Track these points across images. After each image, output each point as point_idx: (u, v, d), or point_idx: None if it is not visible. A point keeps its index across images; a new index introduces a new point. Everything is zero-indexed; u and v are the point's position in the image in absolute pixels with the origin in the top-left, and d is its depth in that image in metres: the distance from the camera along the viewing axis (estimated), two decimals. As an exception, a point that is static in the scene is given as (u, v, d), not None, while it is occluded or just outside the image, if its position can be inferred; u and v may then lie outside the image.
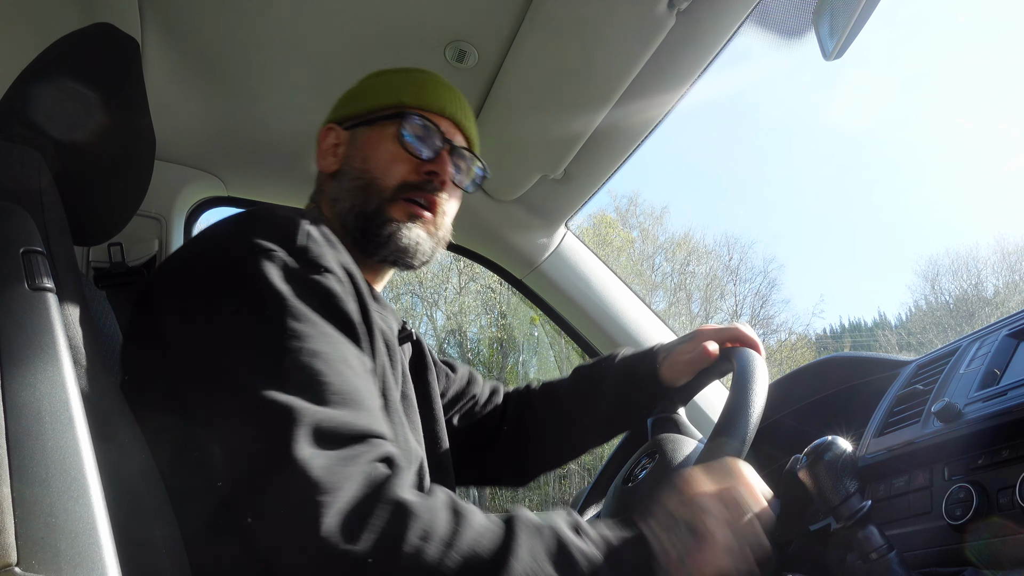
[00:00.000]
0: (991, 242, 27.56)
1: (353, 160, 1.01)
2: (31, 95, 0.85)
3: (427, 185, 0.99)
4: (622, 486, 1.02)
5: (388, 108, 1.02)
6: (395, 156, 0.99)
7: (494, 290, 15.43)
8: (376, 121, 1.01)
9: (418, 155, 0.99)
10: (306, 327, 0.70)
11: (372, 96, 1.04)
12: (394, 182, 0.98)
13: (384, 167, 0.98)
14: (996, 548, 0.75)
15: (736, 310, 17.53)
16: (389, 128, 1.00)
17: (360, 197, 0.98)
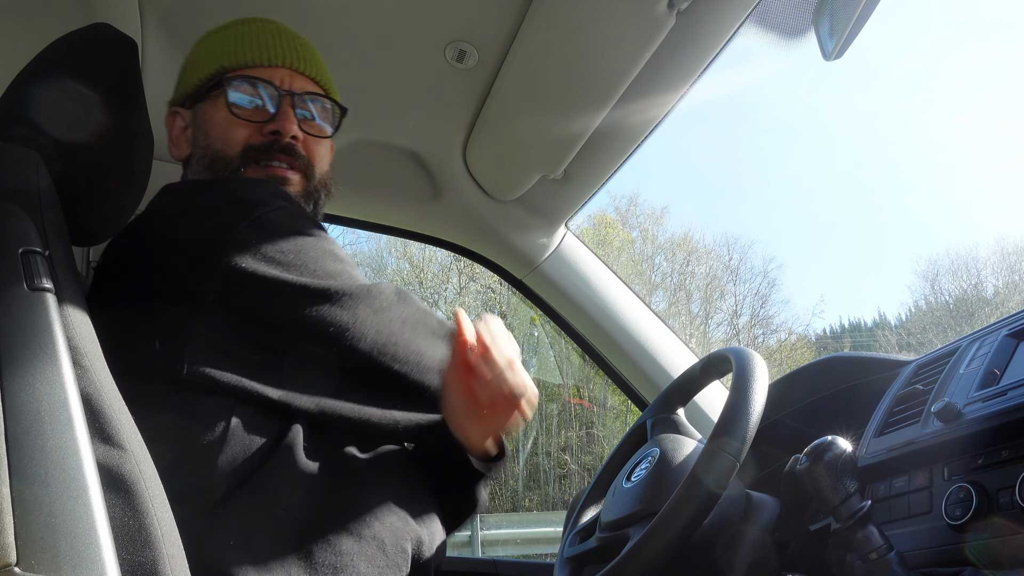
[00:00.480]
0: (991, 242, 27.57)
1: (198, 140, 0.97)
2: (29, 95, 0.85)
3: (274, 145, 0.95)
4: (622, 486, 1.02)
5: (213, 76, 0.97)
6: (230, 123, 0.94)
7: (494, 290, 15.43)
8: (206, 93, 0.96)
9: (253, 117, 0.95)
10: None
11: (198, 67, 0.98)
12: (237, 150, 0.94)
13: (223, 138, 0.94)
14: (996, 548, 0.75)
15: (736, 310, 17.54)
16: (219, 97, 0.96)
17: (211, 173, 0.94)
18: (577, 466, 14.51)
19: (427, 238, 1.81)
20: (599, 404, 14.81)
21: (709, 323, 17.53)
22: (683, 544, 0.81)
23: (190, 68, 1.00)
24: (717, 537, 0.92)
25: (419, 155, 1.60)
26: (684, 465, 0.96)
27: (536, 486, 14.62)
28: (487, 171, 1.60)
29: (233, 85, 0.94)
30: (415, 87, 1.40)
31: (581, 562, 1.05)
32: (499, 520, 9.13)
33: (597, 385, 14.56)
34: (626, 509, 0.97)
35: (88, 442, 0.63)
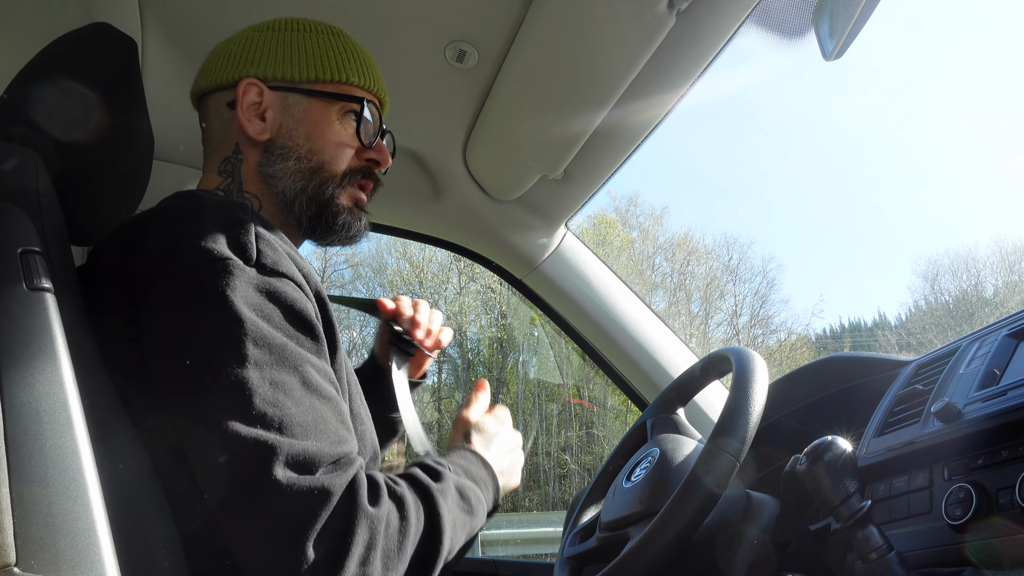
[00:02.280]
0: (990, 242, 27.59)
1: (294, 134, 0.93)
2: (29, 95, 0.85)
3: (369, 172, 0.98)
4: (622, 486, 1.02)
5: (333, 84, 0.95)
6: (344, 141, 0.95)
7: (494, 290, 15.44)
8: (318, 94, 0.94)
9: (364, 143, 0.96)
10: (266, 354, 0.70)
11: (309, 62, 0.95)
12: (343, 168, 0.95)
13: (334, 151, 0.94)
14: (996, 548, 0.75)
15: (736, 310, 17.53)
16: (335, 106, 0.95)
17: (311, 181, 0.93)
18: (577, 466, 14.51)
19: (427, 238, 1.81)
20: (599, 404, 14.81)
21: (709, 323, 17.54)
22: (683, 544, 0.81)
23: (291, 56, 0.94)
24: (717, 537, 0.92)
25: (419, 155, 1.60)
26: (684, 465, 0.96)
27: (536, 486, 14.63)
28: (487, 171, 1.60)
29: (365, 106, 0.96)
30: (415, 87, 1.40)
31: (581, 562, 1.05)
32: (499, 520, 9.12)
33: (597, 385, 14.57)
34: (626, 509, 0.97)
35: (87, 442, 0.63)
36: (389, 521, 0.71)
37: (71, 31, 0.92)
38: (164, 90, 1.37)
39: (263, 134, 0.93)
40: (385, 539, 0.69)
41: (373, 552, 0.68)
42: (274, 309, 0.74)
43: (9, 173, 0.75)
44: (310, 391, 0.72)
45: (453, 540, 0.78)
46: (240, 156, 0.93)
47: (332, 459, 0.70)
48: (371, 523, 0.68)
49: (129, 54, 0.96)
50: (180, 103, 1.42)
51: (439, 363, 16.33)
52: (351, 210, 0.97)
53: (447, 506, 0.78)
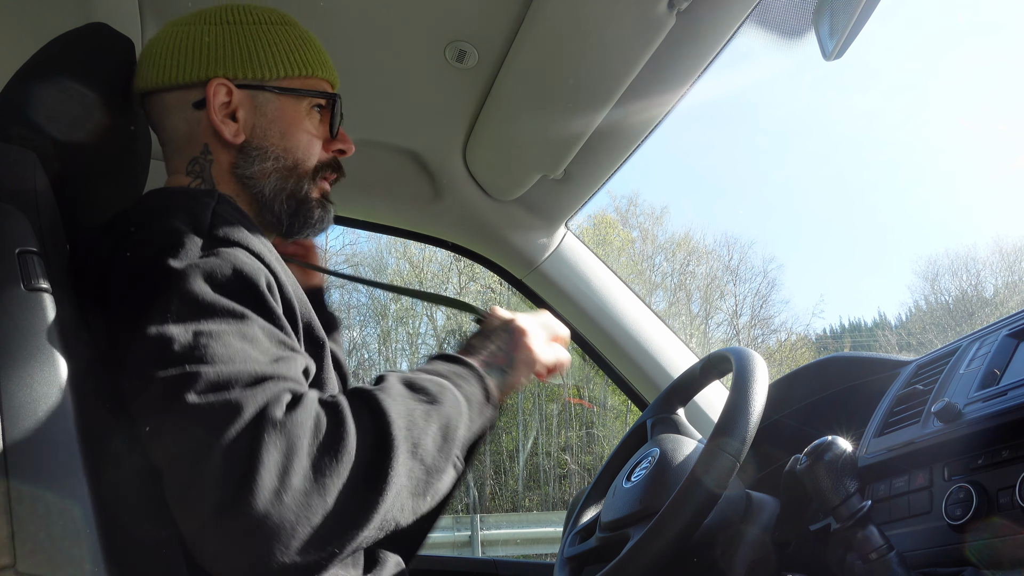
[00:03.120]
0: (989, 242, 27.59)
1: (268, 134, 0.93)
2: (27, 95, 0.85)
3: (336, 163, 0.99)
4: (622, 486, 1.02)
5: (300, 79, 0.95)
6: (314, 136, 0.96)
7: (494, 290, 15.43)
8: (288, 91, 0.94)
9: (334, 135, 0.98)
10: (195, 309, 0.69)
11: (275, 60, 0.94)
12: (314, 163, 0.96)
13: (307, 148, 0.95)
14: (996, 548, 0.75)
15: (736, 310, 17.54)
16: (303, 102, 0.95)
17: (288, 179, 0.94)
18: (577, 466, 14.51)
19: (427, 238, 1.81)
20: (599, 404, 14.81)
21: (709, 323, 17.53)
22: (683, 544, 0.81)
23: (253, 52, 0.93)
24: (717, 537, 0.92)
25: (419, 155, 1.60)
26: (684, 465, 0.96)
27: (536, 486, 14.62)
28: (487, 171, 1.60)
29: (331, 100, 0.97)
30: (415, 87, 1.40)
31: (581, 562, 1.05)
32: (499, 520, 9.13)
33: (597, 385, 14.56)
34: (626, 509, 0.96)
35: (85, 442, 0.63)
36: (318, 427, 0.65)
37: (69, 31, 0.92)
38: (163, 90, 1.37)
39: (238, 136, 0.92)
40: (312, 445, 0.64)
41: (294, 460, 0.62)
42: (220, 272, 0.72)
43: (7, 173, 0.75)
44: (246, 341, 0.69)
45: (413, 432, 0.70)
46: (210, 157, 0.92)
47: (251, 379, 0.66)
48: (288, 432, 0.63)
49: (128, 54, 0.96)
50: (179, 103, 1.42)
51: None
52: (321, 203, 0.98)
53: (390, 398, 0.71)
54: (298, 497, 0.61)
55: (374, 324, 16.53)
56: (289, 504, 0.60)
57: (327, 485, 0.63)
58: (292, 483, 0.61)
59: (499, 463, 14.87)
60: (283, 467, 0.61)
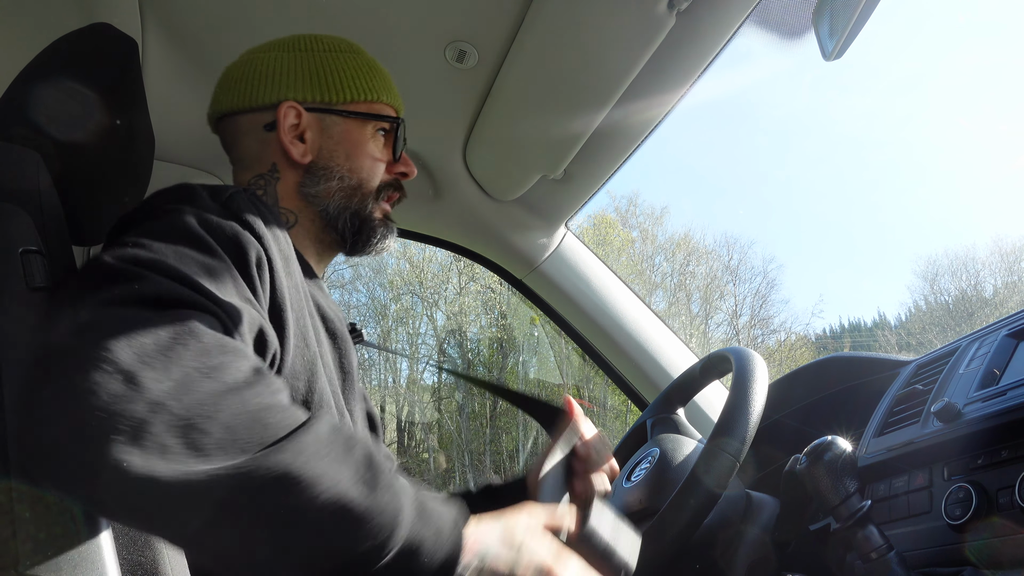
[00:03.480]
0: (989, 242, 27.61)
1: (334, 155, 0.97)
2: (30, 95, 0.85)
3: (397, 184, 1.03)
4: (622, 486, 1.02)
5: (366, 104, 1.00)
6: (378, 158, 1.00)
7: (494, 290, 15.44)
8: (353, 115, 0.99)
9: (397, 158, 1.02)
10: (165, 244, 0.66)
11: (343, 84, 0.99)
12: (377, 184, 0.99)
13: (371, 169, 0.99)
14: (995, 548, 0.75)
15: (736, 310, 17.53)
16: (368, 125, 0.99)
17: (352, 199, 0.97)
18: (577, 466, 14.49)
19: (427, 238, 1.81)
20: (599, 404, 14.81)
21: (709, 323, 17.53)
22: (683, 544, 0.81)
23: (323, 78, 0.98)
24: (717, 537, 0.92)
25: (419, 155, 1.60)
26: (684, 465, 0.97)
27: (536, 486, 14.61)
28: (487, 171, 1.60)
29: (395, 125, 1.01)
30: (415, 87, 1.40)
31: (581, 562, 1.05)
32: (499, 520, 9.12)
33: (597, 385, 14.57)
34: (626, 509, 0.97)
35: (88, 442, 0.63)
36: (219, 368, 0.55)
37: (71, 31, 0.92)
38: (164, 90, 1.37)
39: (305, 156, 0.96)
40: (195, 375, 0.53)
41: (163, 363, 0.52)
42: (214, 221, 0.72)
43: (10, 173, 0.75)
44: (204, 269, 0.66)
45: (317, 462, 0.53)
46: (276, 175, 0.97)
47: (184, 293, 0.61)
48: (183, 341, 0.55)
49: (129, 54, 0.96)
50: (180, 103, 1.42)
51: (439, 363, 16.34)
52: (384, 222, 1.01)
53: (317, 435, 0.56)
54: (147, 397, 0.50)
55: (374, 324, 16.53)
56: (138, 401, 0.50)
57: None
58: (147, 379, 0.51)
59: (499, 463, 14.87)
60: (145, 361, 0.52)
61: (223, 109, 1.00)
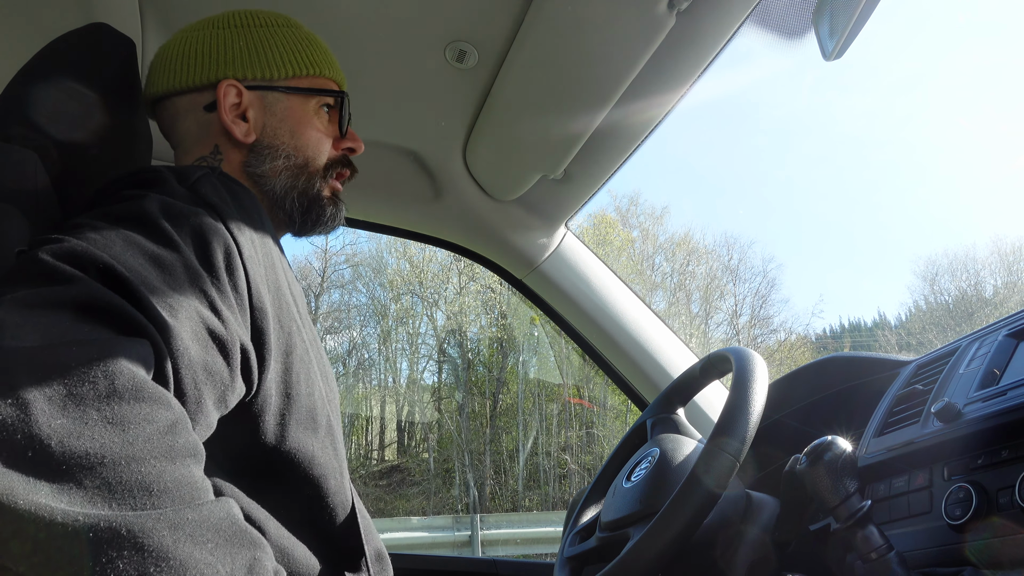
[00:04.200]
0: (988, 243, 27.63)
1: (278, 132, 0.94)
2: (28, 95, 0.85)
3: (346, 161, 1.01)
4: (622, 486, 1.02)
5: (308, 79, 0.97)
6: (324, 134, 0.98)
7: (494, 290, 15.44)
8: (296, 91, 0.96)
9: (343, 133, 1.00)
10: (119, 235, 0.64)
11: (283, 60, 0.96)
12: (324, 161, 0.98)
13: (316, 146, 0.97)
14: (996, 548, 0.75)
15: (736, 310, 17.53)
16: (312, 100, 0.97)
17: (299, 177, 0.95)
18: (577, 466, 14.51)
19: (427, 238, 1.81)
20: (599, 404, 14.81)
21: (709, 323, 17.53)
22: (683, 544, 0.81)
23: (261, 53, 0.95)
24: (717, 537, 0.92)
25: (419, 155, 1.60)
26: (684, 465, 0.96)
27: (536, 486, 14.63)
28: (487, 171, 1.60)
29: (339, 99, 0.99)
30: (415, 87, 1.40)
31: (581, 562, 1.05)
32: (499, 520, 9.14)
33: (597, 385, 14.57)
34: (626, 509, 0.96)
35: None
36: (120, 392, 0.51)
37: (70, 31, 0.92)
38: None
39: (249, 136, 0.93)
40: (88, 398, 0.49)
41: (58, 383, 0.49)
42: (176, 209, 0.70)
43: (8, 173, 0.75)
44: (160, 269, 0.63)
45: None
46: (219, 156, 0.94)
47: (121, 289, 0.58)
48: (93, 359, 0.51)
49: (128, 54, 0.96)
50: (180, 103, 1.43)
51: (439, 363, 16.35)
52: (333, 200, 0.99)
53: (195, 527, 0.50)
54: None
55: (374, 324, 16.53)
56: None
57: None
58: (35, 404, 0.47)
59: (499, 463, 14.87)
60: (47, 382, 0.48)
61: (159, 91, 0.96)
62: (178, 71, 0.94)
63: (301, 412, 0.79)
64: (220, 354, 0.65)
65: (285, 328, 0.78)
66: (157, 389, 0.54)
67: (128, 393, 0.51)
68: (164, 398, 0.55)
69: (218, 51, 0.94)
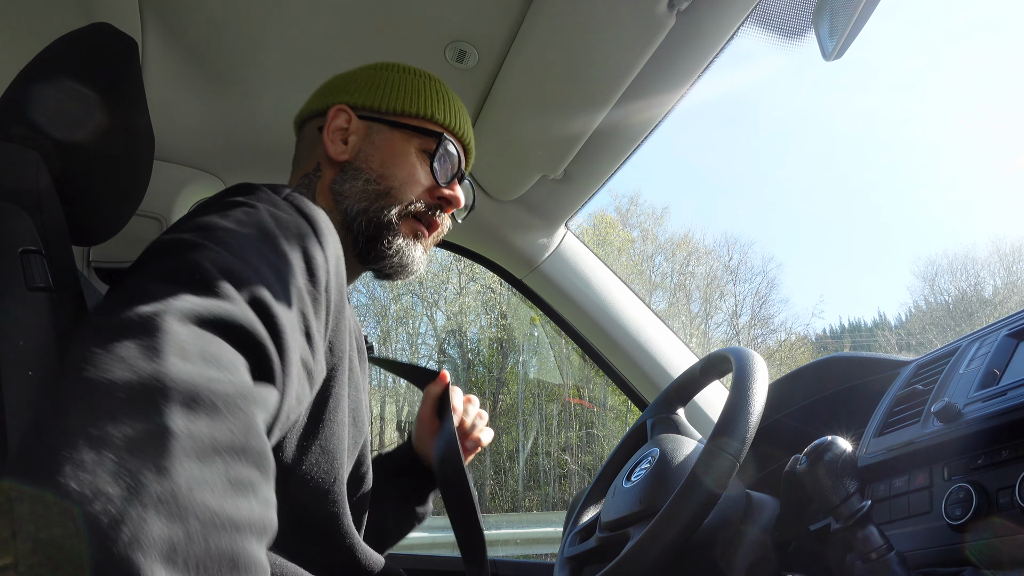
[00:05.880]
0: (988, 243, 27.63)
1: (370, 159, 0.96)
2: (29, 95, 0.85)
3: (437, 209, 0.99)
4: (622, 486, 1.02)
5: (417, 119, 0.99)
6: (417, 173, 0.97)
7: (494, 290, 15.43)
8: (401, 127, 0.98)
9: (439, 181, 0.99)
10: (219, 243, 0.61)
11: (398, 96, 0.99)
12: (411, 198, 0.96)
13: (405, 180, 0.96)
14: (996, 548, 0.75)
15: (736, 310, 17.53)
16: (415, 140, 0.98)
17: (375, 203, 0.95)
18: (577, 466, 14.50)
19: (427, 238, 1.81)
20: (599, 404, 14.81)
21: (709, 323, 17.53)
22: (683, 544, 0.81)
23: (381, 88, 1.00)
24: (717, 537, 0.92)
25: (419, 155, 1.60)
26: (684, 465, 0.96)
27: (536, 486, 14.62)
28: (487, 171, 1.60)
29: (444, 144, 0.99)
30: (415, 87, 1.40)
31: (581, 562, 1.05)
32: (499, 520, 9.14)
33: (597, 385, 14.56)
34: (626, 509, 0.96)
35: (88, 442, 0.62)
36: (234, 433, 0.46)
37: (72, 31, 0.92)
38: (164, 90, 1.37)
39: (342, 155, 0.97)
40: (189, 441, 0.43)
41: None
42: (285, 215, 0.72)
43: (10, 173, 0.75)
44: (275, 275, 0.62)
45: None
46: (319, 173, 0.98)
47: (227, 317, 0.52)
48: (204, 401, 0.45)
49: (129, 54, 0.96)
50: (180, 103, 1.43)
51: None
52: (408, 238, 0.97)
53: None
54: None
55: (374, 324, 16.52)
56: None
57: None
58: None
59: (499, 463, 14.87)
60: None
61: (299, 117, 1.04)
62: (313, 99, 1.03)
63: (328, 442, 0.78)
64: (308, 384, 0.66)
65: (337, 353, 0.79)
66: (270, 454, 0.50)
67: (253, 458, 0.47)
68: (271, 464, 0.50)
69: (345, 82, 1.02)
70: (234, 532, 0.42)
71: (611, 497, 1.04)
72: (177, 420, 0.43)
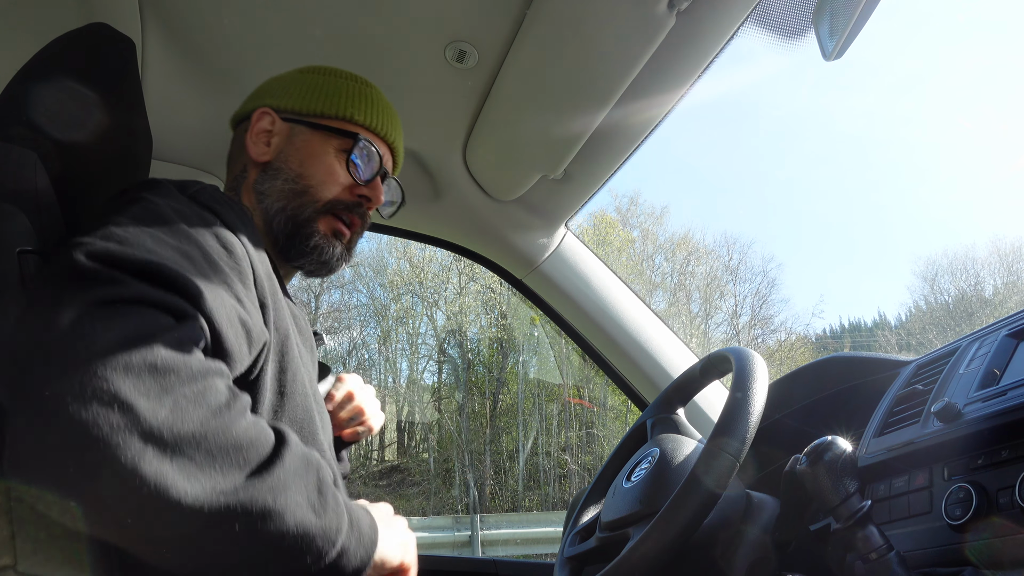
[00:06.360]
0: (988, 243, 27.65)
1: (289, 159, 1.00)
2: (28, 95, 0.85)
3: (356, 207, 1.02)
4: (622, 486, 1.02)
5: (337, 120, 1.01)
6: (335, 173, 1.00)
7: (494, 290, 15.44)
8: (321, 128, 1.01)
9: (357, 179, 1.01)
10: (142, 228, 0.68)
11: (320, 98, 1.02)
12: (328, 196, 0.99)
13: (322, 179, 0.99)
14: (996, 548, 0.75)
15: (736, 310, 17.53)
16: (334, 141, 1.01)
17: (292, 201, 0.98)
18: (577, 466, 14.51)
19: (427, 238, 1.81)
20: (599, 404, 14.81)
21: (709, 323, 17.53)
22: (683, 544, 0.81)
23: (305, 91, 1.03)
24: (717, 537, 0.92)
25: (419, 155, 1.60)
26: (684, 465, 0.96)
27: (536, 486, 14.63)
28: (487, 171, 1.60)
29: (360, 144, 1.01)
30: (415, 87, 1.40)
31: (581, 562, 1.05)
32: (499, 520, 9.13)
33: (597, 385, 14.57)
34: (626, 509, 0.96)
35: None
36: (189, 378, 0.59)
37: (71, 31, 0.92)
38: (163, 90, 1.37)
39: (264, 156, 1.00)
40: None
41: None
42: (188, 209, 0.76)
43: (8, 173, 0.75)
44: (182, 255, 0.68)
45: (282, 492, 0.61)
46: (245, 174, 1.02)
47: (163, 277, 0.63)
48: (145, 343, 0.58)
49: (128, 54, 0.96)
50: (179, 103, 1.42)
51: (439, 363, 16.35)
52: (326, 236, 1.00)
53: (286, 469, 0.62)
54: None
55: (374, 324, 16.53)
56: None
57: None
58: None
59: (499, 463, 14.87)
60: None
61: (234, 119, 1.08)
62: (244, 102, 1.07)
63: (295, 412, 0.82)
64: (246, 341, 0.72)
65: (281, 331, 0.82)
66: (212, 362, 0.63)
67: (199, 372, 0.60)
68: (219, 368, 0.64)
69: (272, 86, 1.06)
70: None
71: (611, 497, 1.04)
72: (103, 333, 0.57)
